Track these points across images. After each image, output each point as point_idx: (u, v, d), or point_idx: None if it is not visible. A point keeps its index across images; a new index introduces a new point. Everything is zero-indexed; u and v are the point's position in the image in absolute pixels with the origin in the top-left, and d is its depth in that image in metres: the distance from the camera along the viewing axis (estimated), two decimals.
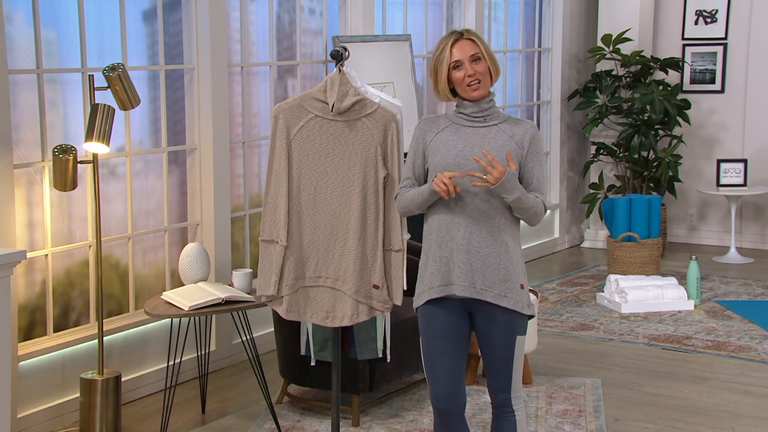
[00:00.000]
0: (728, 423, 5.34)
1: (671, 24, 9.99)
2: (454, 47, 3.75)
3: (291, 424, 5.35)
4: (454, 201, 3.76)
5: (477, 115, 3.80)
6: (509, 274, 3.78)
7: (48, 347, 5.28)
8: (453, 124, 3.83)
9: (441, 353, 3.83)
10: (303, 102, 4.46)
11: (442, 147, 3.79)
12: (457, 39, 3.77)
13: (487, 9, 8.78)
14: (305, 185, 4.47)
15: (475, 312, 3.83)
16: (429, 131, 3.85)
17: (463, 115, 3.81)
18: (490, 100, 3.81)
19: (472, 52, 3.75)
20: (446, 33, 3.86)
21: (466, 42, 3.76)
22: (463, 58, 3.74)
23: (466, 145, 3.77)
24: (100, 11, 5.65)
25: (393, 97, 4.62)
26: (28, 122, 5.27)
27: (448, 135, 3.81)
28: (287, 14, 6.89)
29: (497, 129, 3.79)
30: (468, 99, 3.79)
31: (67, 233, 5.47)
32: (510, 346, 3.82)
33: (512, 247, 3.80)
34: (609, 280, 7.70)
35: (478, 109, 3.79)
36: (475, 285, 3.76)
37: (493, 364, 3.86)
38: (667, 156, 9.15)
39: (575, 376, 6.08)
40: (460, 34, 3.78)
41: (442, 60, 3.76)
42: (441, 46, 3.78)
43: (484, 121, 3.80)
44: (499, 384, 3.86)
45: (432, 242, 3.82)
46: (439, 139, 3.81)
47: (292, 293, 4.51)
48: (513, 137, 3.78)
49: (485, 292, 3.76)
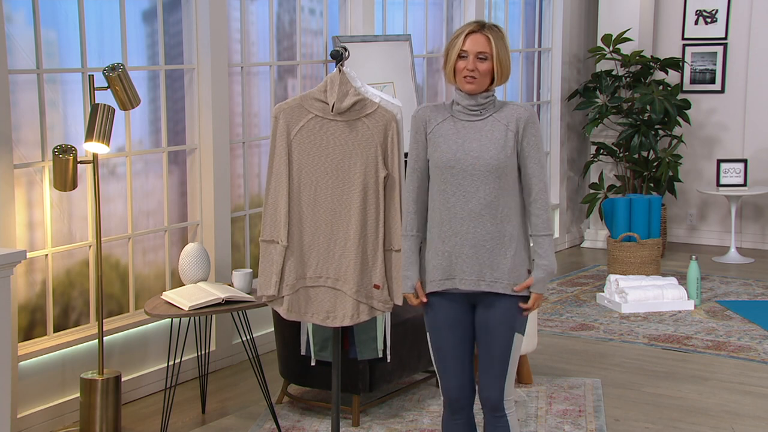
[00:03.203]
0: (728, 423, 5.34)
1: (671, 24, 9.99)
2: (468, 37, 3.75)
3: (291, 424, 5.35)
4: (455, 194, 3.76)
5: (473, 109, 3.80)
6: (516, 263, 3.80)
7: (48, 347, 5.28)
8: (452, 117, 3.83)
9: (449, 345, 3.87)
10: (303, 102, 4.46)
11: (441, 141, 3.80)
12: (474, 31, 3.76)
13: (487, 9, 8.79)
14: (306, 185, 4.47)
15: (478, 303, 3.84)
16: (430, 120, 3.84)
17: (460, 107, 3.82)
18: (488, 95, 3.80)
19: (481, 49, 3.74)
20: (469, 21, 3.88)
21: (481, 37, 3.75)
22: (471, 51, 3.74)
23: (465, 140, 3.78)
24: (100, 11, 5.64)
25: (393, 97, 4.62)
26: (28, 122, 5.27)
27: (447, 128, 3.81)
28: (287, 14, 6.89)
29: (493, 120, 3.79)
30: (461, 89, 3.80)
31: (67, 233, 5.47)
32: (508, 340, 3.82)
33: (518, 235, 3.80)
34: (609, 280, 7.70)
35: (475, 103, 3.79)
36: (485, 278, 3.77)
37: (489, 359, 3.84)
38: (667, 156, 9.15)
39: (575, 376, 6.07)
40: (481, 26, 3.77)
41: (454, 46, 3.76)
42: (458, 32, 3.78)
43: (480, 115, 3.80)
44: (493, 383, 3.84)
45: (434, 236, 3.83)
46: (438, 132, 3.82)
47: (292, 293, 4.51)
48: (508, 126, 3.78)
49: (495, 284, 3.77)
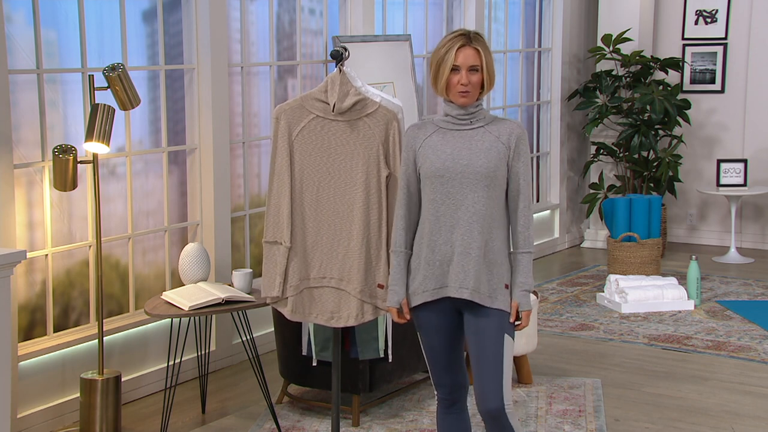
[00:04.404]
0: (728, 423, 5.34)
1: (671, 24, 9.99)
2: (459, 52, 3.79)
3: (291, 424, 5.35)
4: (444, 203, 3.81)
5: (463, 118, 3.86)
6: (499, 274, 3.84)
7: (48, 347, 5.28)
8: (440, 129, 3.89)
9: (440, 346, 3.92)
10: (304, 102, 4.45)
11: (431, 152, 3.85)
12: (464, 45, 3.80)
13: (487, 9, 8.78)
14: (308, 186, 4.47)
15: (465, 311, 3.87)
16: (417, 138, 3.91)
17: (450, 117, 3.87)
18: (478, 105, 3.87)
19: (473, 62, 3.80)
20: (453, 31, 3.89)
21: (471, 50, 3.80)
22: (463, 66, 3.79)
23: (454, 149, 3.83)
24: (100, 11, 5.64)
25: (393, 97, 4.62)
26: (28, 122, 5.27)
27: (436, 140, 3.87)
28: (287, 14, 6.89)
29: (483, 131, 3.85)
30: (454, 102, 3.85)
31: (67, 233, 5.47)
32: (499, 343, 3.83)
33: (502, 249, 3.85)
34: (609, 280, 7.70)
35: (465, 112, 3.85)
36: (468, 286, 3.79)
37: (484, 365, 3.83)
38: (667, 156, 9.15)
39: (575, 376, 6.08)
40: (468, 39, 3.81)
41: (446, 61, 3.80)
42: (447, 47, 3.81)
43: (470, 124, 3.86)
44: (491, 390, 3.81)
45: (423, 246, 3.87)
46: (427, 145, 3.87)
47: (296, 294, 4.50)
48: (499, 138, 3.84)
49: (475, 293, 3.80)
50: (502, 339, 3.83)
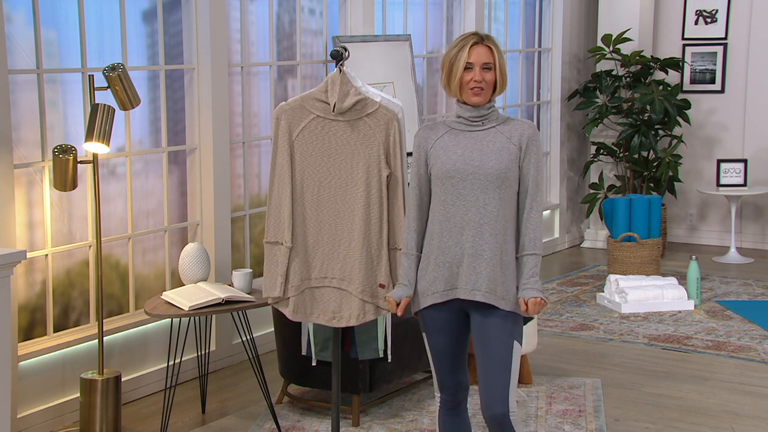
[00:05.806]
0: (728, 423, 5.34)
1: (671, 24, 9.99)
2: (472, 49, 3.80)
3: (291, 424, 5.35)
4: (455, 203, 3.79)
5: (475, 119, 3.84)
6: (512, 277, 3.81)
7: (48, 347, 5.28)
8: (451, 130, 3.87)
9: (446, 348, 3.90)
10: (304, 103, 4.45)
11: (442, 153, 3.84)
12: (477, 42, 3.81)
13: (487, 9, 8.78)
14: (308, 186, 4.47)
15: (473, 313, 3.84)
16: (428, 139, 3.90)
17: (462, 119, 3.86)
18: (490, 106, 3.86)
19: (486, 60, 3.80)
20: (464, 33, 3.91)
21: (484, 48, 3.81)
22: (476, 63, 3.79)
23: (466, 150, 3.82)
24: (100, 11, 5.64)
25: (393, 97, 4.62)
26: (28, 122, 5.27)
27: (448, 141, 3.85)
28: (287, 14, 6.89)
29: (495, 131, 3.84)
30: (467, 102, 3.83)
31: (67, 233, 5.47)
32: (508, 348, 3.80)
33: (512, 251, 3.83)
34: (609, 280, 7.70)
35: (477, 114, 3.84)
36: (481, 288, 3.77)
37: (491, 369, 3.80)
38: (667, 156, 9.15)
39: (575, 376, 6.07)
40: (481, 38, 3.83)
41: (459, 59, 3.79)
42: (459, 45, 3.81)
43: (482, 125, 3.85)
44: (497, 395, 3.79)
45: (434, 248, 3.85)
46: (438, 146, 3.86)
47: (298, 294, 4.50)
48: (511, 139, 3.82)
49: (489, 295, 3.77)
50: (511, 344, 3.80)
